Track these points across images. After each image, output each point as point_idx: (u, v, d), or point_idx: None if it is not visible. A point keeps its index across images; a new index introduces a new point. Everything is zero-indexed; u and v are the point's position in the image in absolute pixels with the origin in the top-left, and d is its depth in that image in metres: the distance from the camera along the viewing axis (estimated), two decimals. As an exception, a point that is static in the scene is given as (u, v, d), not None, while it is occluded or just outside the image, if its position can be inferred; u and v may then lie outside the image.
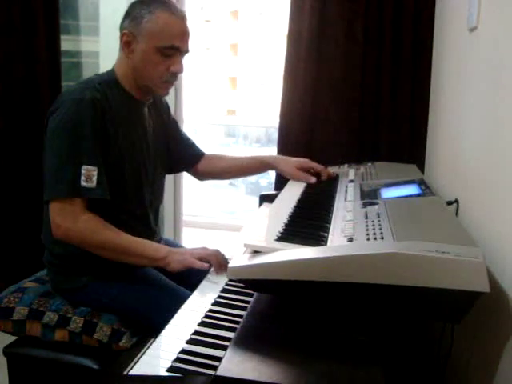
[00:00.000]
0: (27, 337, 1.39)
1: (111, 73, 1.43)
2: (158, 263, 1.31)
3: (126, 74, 1.41)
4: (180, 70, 1.39)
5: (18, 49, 2.17)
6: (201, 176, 1.78)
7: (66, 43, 2.43)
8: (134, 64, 1.38)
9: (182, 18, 1.37)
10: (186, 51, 1.40)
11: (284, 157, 1.76)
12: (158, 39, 1.34)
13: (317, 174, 1.68)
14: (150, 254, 1.31)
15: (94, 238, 1.28)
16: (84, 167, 1.27)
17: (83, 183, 1.26)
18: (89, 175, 1.27)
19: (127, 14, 1.38)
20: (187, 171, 1.78)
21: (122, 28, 1.39)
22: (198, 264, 1.27)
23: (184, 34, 1.38)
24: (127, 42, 1.37)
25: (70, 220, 1.26)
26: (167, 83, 1.41)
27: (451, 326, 1.05)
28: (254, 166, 1.76)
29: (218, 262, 1.29)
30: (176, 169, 1.75)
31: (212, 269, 1.30)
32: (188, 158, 1.72)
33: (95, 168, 1.28)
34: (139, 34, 1.34)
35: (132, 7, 1.38)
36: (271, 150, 2.29)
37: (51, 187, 1.28)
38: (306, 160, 1.71)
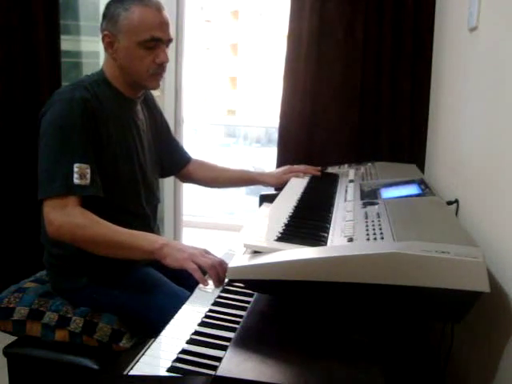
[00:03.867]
0: (27, 337, 1.38)
1: (101, 73, 1.44)
2: (154, 255, 1.24)
3: (114, 73, 1.42)
4: (165, 60, 1.39)
5: (17, 49, 2.17)
6: (184, 179, 1.82)
7: (66, 43, 2.43)
8: (120, 63, 1.39)
9: (157, 8, 1.36)
10: (169, 40, 1.40)
11: (267, 172, 1.87)
12: (137, 34, 1.34)
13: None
14: (145, 245, 1.25)
15: (86, 232, 1.25)
16: (76, 165, 1.27)
17: (76, 181, 1.26)
18: (82, 173, 1.27)
19: (104, 16, 1.39)
20: (174, 175, 1.80)
21: (101, 30, 1.39)
22: (198, 275, 1.18)
23: (162, 24, 1.37)
24: (109, 43, 1.37)
25: (62, 216, 1.25)
26: (156, 75, 1.41)
27: (451, 326, 1.05)
28: (241, 180, 1.84)
29: (217, 277, 1.17)
30: (165, 173, 1.74)
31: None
32: (176, 162, 1.74)
33: (88, 166, 1.28)
34: (119, 32, 1.35)
35: (107, 7, 1.38)
36: (271, 150, 2.29)
37: (44, 186, 1.27)
38: (288, 166, 1.83)
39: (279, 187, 1.77)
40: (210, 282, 1.18)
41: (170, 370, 0.84)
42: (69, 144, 1.28)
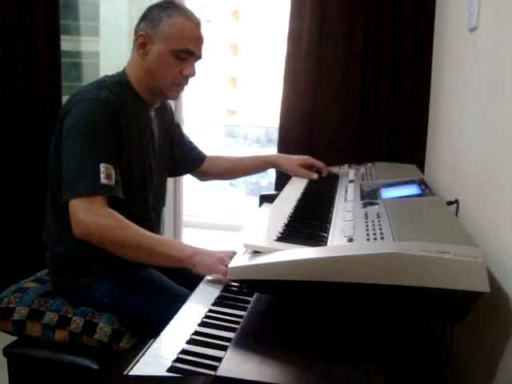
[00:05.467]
0: (27, 337, 1.38)
1: (122, 74, 1.44)
2: (184, 263, 1.24)
3: (137, 75, 1.42)
4: (192, 74, 1.42)
5: (17, 49, 2.17)
6: (203, 177, 1.81)
7: (66, 43, 2.43)
8: (148, 65, 1.40)
9: (197, 23, 1.41)
10: (199, 57, 1.44)
11: (286, 155, 1.83)
12: (174, 42, 1.37)
13: (317, 171, 1.76)
14: (175, 253, 1.25)
15: (114, 234, 1.25)
16: (103, 165, 1.26)
17: (103, 181, 1.26)
18: (108, 173, 1.27)
19: (144, 17, 1.41)
20: (190, 173, 1.80)
21: (137, 29, 1.41)
22: (226, 279, 1.17)
23: (198, 40, 1.41)
24: (142, 44, 1.39)
25: (91, 215, 1.24)
26: (178, 86, 1.44)
27: (451, 326, 1.05)
28: (257, 166, 1.81)
29: None
30: (180, 172, 1.78)
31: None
32: (191, 162, 1.75)
33: (112, 167, 1.29)
34: (156, 36, 1.37)
35: (149, 10, 1.41)
36: (271, 150, 2.29)
37: (72, 186, 1.26)
38: (307, 157, 1.79)
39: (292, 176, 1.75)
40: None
41: (170, 370, 0.84)
42: (95, 144, 1.28)
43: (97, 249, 1.28)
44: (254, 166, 1.81)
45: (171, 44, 1.37)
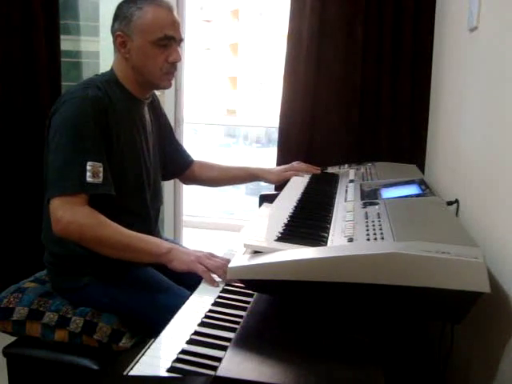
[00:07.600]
0: (27, 337, 1.38)
1: (111, 73, 1.44)
2: (161, 259, 1.27)
3: (125, 73, 1.42)
4: (178, 59, 1.41)
5: (17, 49, 2.17)
6: (187, 181, 1.83)
7: (66, 43, 2.43)
8: (133, 63, 1.40)
9: (168, 8, 1.40)
10: (180, 40, 1.43)
11: (268, 168, 1.88)
12: (151, 33, 1.36)
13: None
14: (152, 249, 1.28)
15: (94, 232, 1.26)
16: (89, 163, 1.27)
17: (89, 179, 1.26)
18: (95, 171, 1.27)
19: (116, 16, 1.40)
20: (176, 177, 1.81)
21: (113, 30, 1.40)
22: (207, 276, 1.20)
23: (174, 23, 1.40)
24: (122, 43, 1.39)
25: (71, 214, 1.24)
26: (168, 74, 1.43)
27: (451, 326, 1.05)
28: (242, 177, 1.85)
29: (224, 277, 1.19)
30: (167, 175, 1.74)
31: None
32: (179, 165, 1.75)
33: (100, 164, 1.29)
34: (132, 32, 1.37)
35: (119, 8, 1.40)
36: (271, 150, 2.30)
37: (56, 184, 1.27)
38: (290, 164, 1.85)
39: (279, 184, 1.78)
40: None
41: (169, 370, 0.84)
42: (82, 142, 1.28)
43: None
44: (239, 177, 1.84)
45: (149, 35, 1.36)
